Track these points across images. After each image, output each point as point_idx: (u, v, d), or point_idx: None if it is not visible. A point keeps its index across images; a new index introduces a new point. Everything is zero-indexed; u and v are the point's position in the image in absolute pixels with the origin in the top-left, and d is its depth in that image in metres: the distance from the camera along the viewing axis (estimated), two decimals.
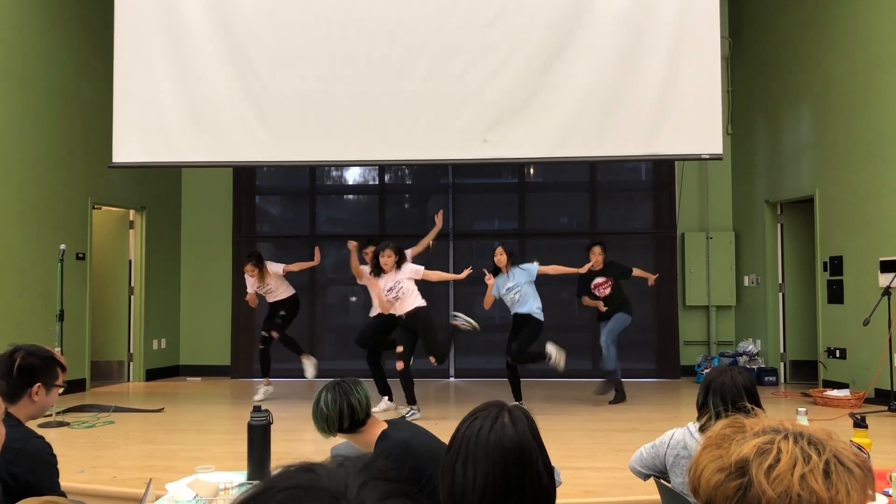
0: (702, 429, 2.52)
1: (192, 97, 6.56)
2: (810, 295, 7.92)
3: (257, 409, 3.03)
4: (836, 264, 7.31)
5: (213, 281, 9.43)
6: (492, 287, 6.44)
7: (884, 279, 6.44)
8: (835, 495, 0.87)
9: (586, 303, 7.09)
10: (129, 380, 8.67)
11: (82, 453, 4.81)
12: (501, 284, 6.45)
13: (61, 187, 7.51)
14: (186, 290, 9.53)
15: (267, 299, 7.25)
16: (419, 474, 2.47)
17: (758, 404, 2.37)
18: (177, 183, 9.55)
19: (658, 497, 2.64)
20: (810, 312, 7.95)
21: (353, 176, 9.79)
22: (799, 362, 8.33)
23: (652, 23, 6.34)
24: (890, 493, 2.47)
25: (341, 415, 2.57)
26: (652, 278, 7.21)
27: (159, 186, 9.06)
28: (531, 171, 9.44)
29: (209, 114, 6.54)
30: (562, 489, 1.66)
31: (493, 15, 6.42)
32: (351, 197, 10.09)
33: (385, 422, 2.71)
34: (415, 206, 9.93)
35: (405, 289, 6.15)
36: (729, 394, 2.47)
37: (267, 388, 7.12)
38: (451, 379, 8.93)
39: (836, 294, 7.33)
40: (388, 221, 9.56)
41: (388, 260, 6.15)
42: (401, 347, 6.16)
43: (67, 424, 5.76)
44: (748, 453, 0.91)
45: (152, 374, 8.85)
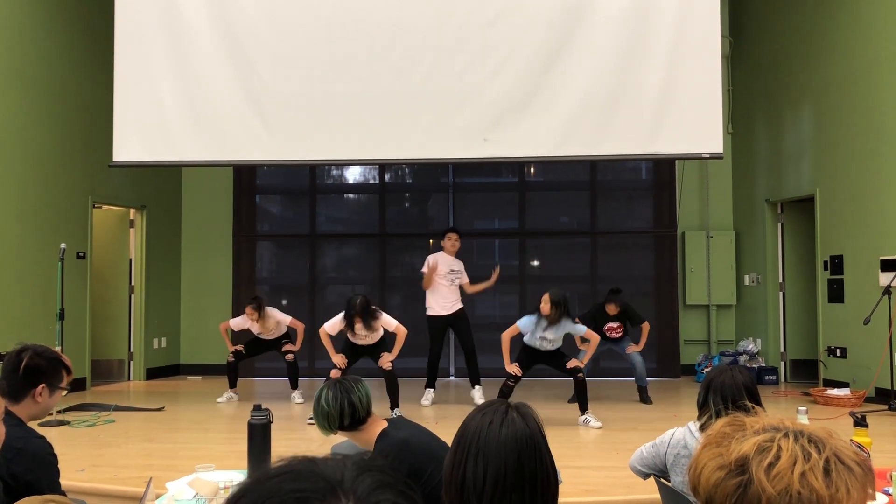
0: (702, 428, 2.53)
1: (193, 96, 6.56)
2: (811, 294, 7.92)
3: (258, 407, 3.04)
4: (836, 263, 7.31)
5: (214, 280, 9.43)
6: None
7: (884, 278, 6.44)
8: (835, 493, 0.87)
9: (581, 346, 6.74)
10: (129, 379, 8.68)
11: (83, 452, 4.82)
12: (536, 329, 5.85)
13: (62, 186, 7.51)
14: (187, 289, 9.53)
15: (261, 337, 7.22)
16: (419, 473, 2.48)
17: (758, 403, 2.38)
18: (177, 182, 9.56)
19: (658, 496, 2.64)
20: (811, 311, 7.95)
21: (353, 175, 9.79)
22: (799, 361, 8.33)
23: (652, 22, 6.34)
24: (890, 492, 2.47)
25: (342, 412, 2.58)
26: (640, 346, 7.11)
27: (159, 185, 9.07)
28: (531, 170, 9.44)
29: (209, 113, 6.54)
30: (562, 488, 1.66)
31: (494, 14, 6.42)
32: (351, 196, 10.09)
33: (385, 420, 2.72)
34: (415, 206, 9.93)
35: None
36: (729, 393, 2.47)
37: (231, 394, 7.14)
38: (451, 378, 8.94)
39: (836, 293, 7.33)
40: (389, 221, 9.56)
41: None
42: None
43: (68, 423, 5.77)
44: (748, 451, 0.91)
45: (153, 373, 8.86)
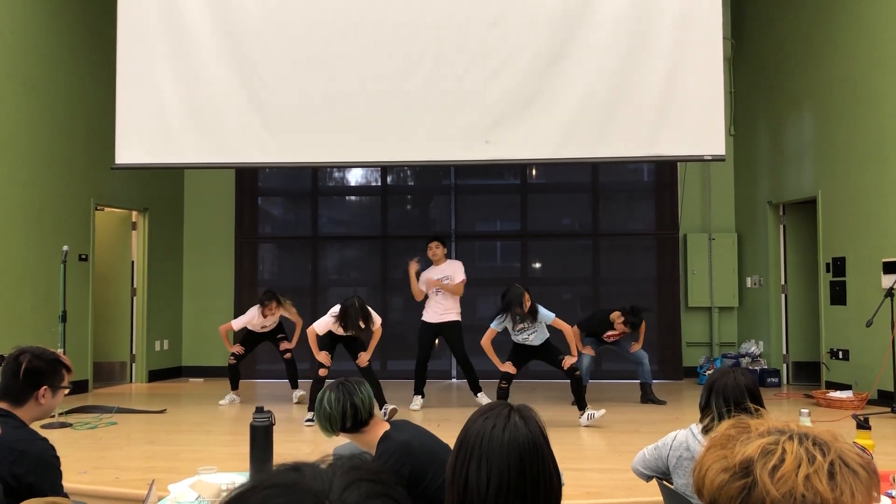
0: (705, 430, 2.52)
1: (195, 99, 6.57)
2: (813, 296, 7.91)
3: (260, 409, 3.03)
4: (838, 265, 7.30)
5: (216, 282, 9.44)
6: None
7: (886, 280, 6.43)
8: (839, 496, 0.86)
9: (581, 349, 6.78)
10: (131, 381, 8.68)
11: (85, 454, 4.82)
12: (513, 324, 5.92)
13: (64, 188, 7.52)
14: (189, 291, 9.54)
15: (255, 331, 7.22)
16: (421, 476, 2.47)
17: (761, 405, 2.37)
18: (179, 184, 9.56)
19: (660, 499, 2.64)
20: (813, 314, 7.94)
21: (355, 177, 9.79)
22: (801, 364, 8.31)
23: (654, 24, 6.34)
24: (893, 495, 2.46)
25: (344, 414, 2.58)
26: (640, 342, 7.15)
27: (162, 188, 9.07)
28: (533, 172, 9.44)
29: (211, 115, 6.55)
30: (564, 490, 1.65)
31: (495, 15, 6.42)
32: (353, 198, 10.09)
33: (388, 422, 2.71)
34: (417, 208, 9.93)
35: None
36: (732, 395, 2.47)
37: (233, 397, 7.15)
38: (452, 380, 8.93)
39: (838, 295, 7.32)
40: (390, 223, 9.56)
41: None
42: None
43: (70, 425, 5.77)
44: (752, 453, 0.91)
45: (155, 376, 8.86)
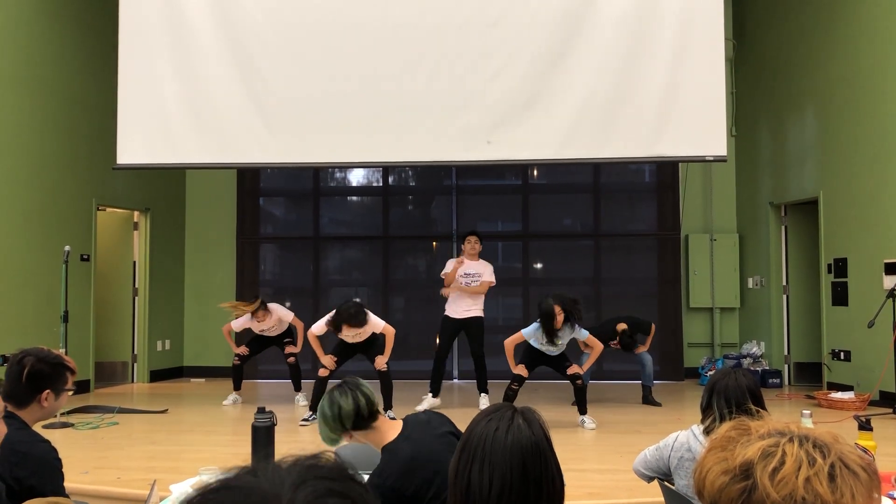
0: (706, 431, 2.52)
1: (196, 99, 6.58)
2: (814, 297, 7.91)
3: (261, 410, 3.04)
4: (840, 266, 7.29)
5: (217, 282, 9.44)
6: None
7: (888, 281, 6.42)
8: (839, 499, 0.86)
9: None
10: (133, 381, 8.69)
11: (86, 454, 4.82)
12: (542, 336, 5.83)
13: (66, 189, 7.52)
14: (190, 291, 9.55)
15: (265, 334, 7.21)
16: (425, 488, 2.40)
17: (762, 406, 2.37)
18: (181, 184, 9.57)
19: (661, 499, 2.64)
20: (814, 314, 7.94)
21: (356, 177, 9.80)
22: (803, 364, 8.31)
23: (655, 24, 6.34)
24: (895, 496, 2.46)
25: (341, 416, 2.54)
26: (647, 345, 7.16)
27: (163, 188, 9.08)
28: (535, 172, 9.44)
29: (213, 116, 6.56)
30: (565, 491, 1.65)
31: (496, 16, 6.42)
32: (354, 198, 10.09)
33: (401, 421, 2.64)
34: (418, 208, 9.93)
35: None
36: (733, 396, 2.47)
37: (236, 397, 7.16)
38: (454, 381, 8.93)
39: (840, 296, 7.31)
40: (392, 223, 9.56)
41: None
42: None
43: (72, 425, 5.78)
44: (753, 456, 0.91)
45: (156, 376, 8.87)
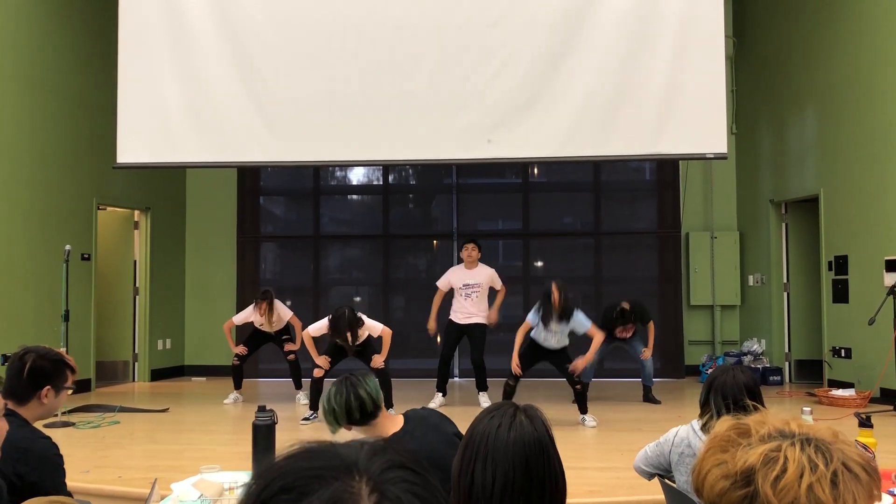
0: (704, 427, 2.52)
1: (196, 98, 6.58)
2: (815, 294, 7.91)
3: (262, 409, 3.04)
4: (840, 264, 7.29)
5: (218, 281, 9.45)
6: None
7: (889, 278, 6.42)
8: None
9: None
10: (134, 380, 8.69)
11: (87, 453, 4.83)
12: (545, 321, 5.84)
13: (66, 188, 7.53)
14: (191, 290, 9.55)
15: (262, 330, 7.21)
16: None
17: (760, 403, 2.37)
18: (181, 184, 9.57)
19: (662, 497, 2.64)
20: (815, 312, 7.94)
21: (356, 176, 9.80)
22: (804, 362, 8.31)
23: (656, 22, 6.33)
24: (895, 493, 2.46)
25: (349, 407, 2.54)
26: (650, 350, 7.09)
27: (164, 187, 9.08)
28: (535, 171, 9.43)
29: (213, 114, 6.55)
30: (567, 489, 1.66)
31: (496, 15, 6.41)
32: (355, 197, 10.09)
33: (402, 415, 2.65)
34: (418, 207, 9.93)
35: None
36: (731, 392, 2.46)
37: (237, 395, 7.17)
38: (455, 379, 8.93)
39: (840, 293, 7.31)
40: (392, 222, 9.56)
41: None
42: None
43: (73, 424, 5.78)
44: (754, 462, 0.89)
45: (157, 375, 8.87)
